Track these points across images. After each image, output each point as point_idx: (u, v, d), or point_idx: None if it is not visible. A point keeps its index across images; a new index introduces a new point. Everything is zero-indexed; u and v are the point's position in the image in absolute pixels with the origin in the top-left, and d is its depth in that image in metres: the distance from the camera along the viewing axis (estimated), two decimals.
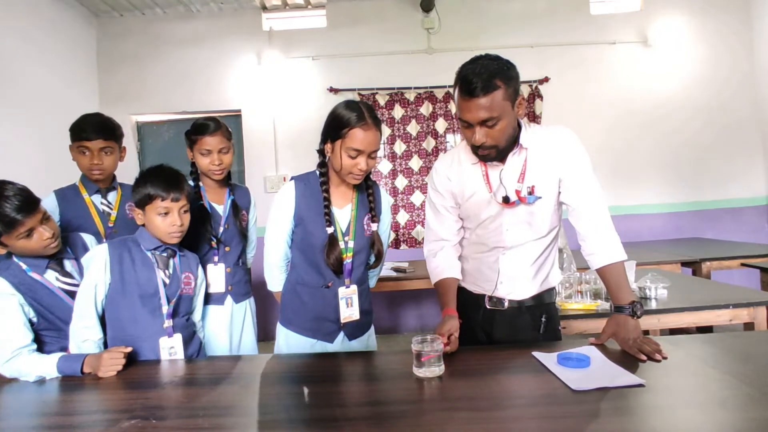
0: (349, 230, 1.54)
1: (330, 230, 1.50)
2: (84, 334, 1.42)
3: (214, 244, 1.81)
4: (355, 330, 1.61)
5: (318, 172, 1.56)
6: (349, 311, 1.54)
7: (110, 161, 1.90)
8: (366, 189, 1.58)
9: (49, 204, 1.84)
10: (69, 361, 1.35)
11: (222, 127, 1.83)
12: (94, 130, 1.83)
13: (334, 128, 1.44)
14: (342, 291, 1.54)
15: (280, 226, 1.57)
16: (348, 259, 1.53)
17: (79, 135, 1.83)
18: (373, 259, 1.64)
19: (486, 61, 1.28)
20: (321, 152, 1.53)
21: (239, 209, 1.91)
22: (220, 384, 1.29)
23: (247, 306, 1.95)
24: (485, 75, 1.24)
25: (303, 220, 1.53)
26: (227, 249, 1.85)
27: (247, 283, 1.97)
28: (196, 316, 1.66)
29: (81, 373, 1.33)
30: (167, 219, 1.47)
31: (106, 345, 1.46)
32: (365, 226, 1.56)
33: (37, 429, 1.02)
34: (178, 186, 1.49)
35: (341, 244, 1.52)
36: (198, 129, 1.80)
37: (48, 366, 1.34)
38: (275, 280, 1.66)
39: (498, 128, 1.30)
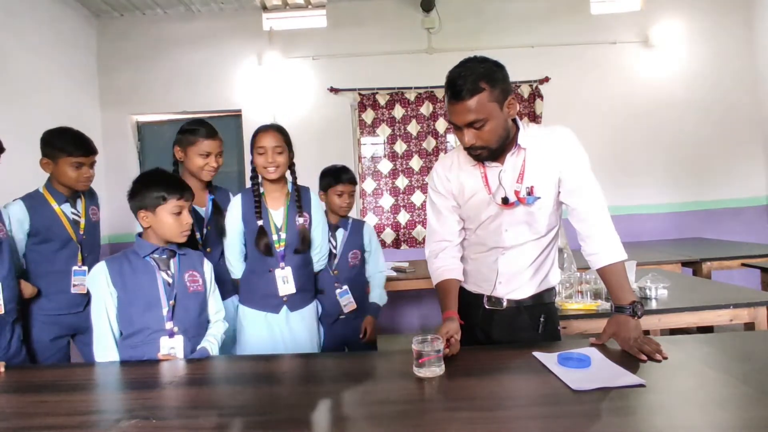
0: (282, 226, 1.92)
1: (260, 222, 1.87)
2: (103, 356, 1.47)
3: (200, 245, 1.87)
4: (295, 304, 1.93)
5: (252, 182, 1.96)
6: (286, 287, 1.89)
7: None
8: (294, 191, 1.97)
9: (18, 212, 1.91)
10: None
11: (218, 132, 1.96)
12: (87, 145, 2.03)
13: (252, 143, 1.89)
14: (278, 272, 1.90)
15: (233, 229, 1.93)
16: (281, 248, 1.90)
17: (74, 151, 1.97)
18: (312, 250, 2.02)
19: (472, 64, 1.29)
20: (253, 168, 1.93)
21: (221, 210, 1.96)
22: (220, 384, 1.29)
23: (231, 304, 1.96)
24: (470, 78, 1.26)
25: (248, 222, 1.90)
26: (209, 250, 1.91)
27: (229, 282, 1.99)
28: (215, 315, 1.65)
29: None
30: (180, 218, 1.51)
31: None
32: (296, 222, 1.92)
33: (37, 429, 1.02)
34: (186, 187, 1.57)
35: (275, 236, 1.89)
36: (200, 131, 1.88)
37: None
38: (236, 270, 1.97)
39: (486, 129, 1.30)
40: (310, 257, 2.01)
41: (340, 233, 2.22)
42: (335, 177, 2.18)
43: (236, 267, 1.97)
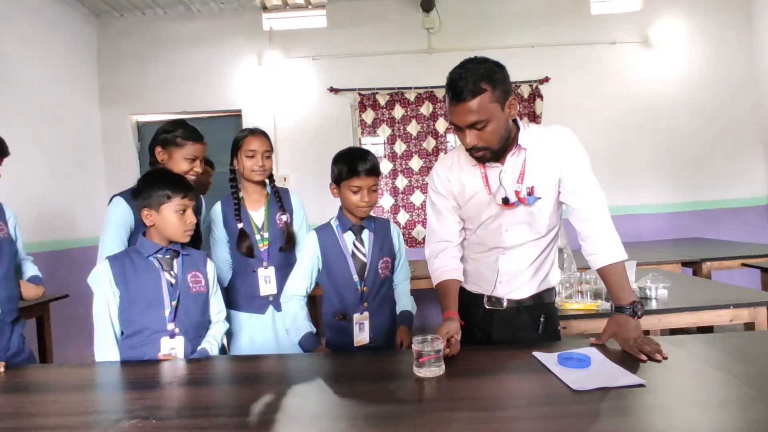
0: (264, 225, 1.91)
1: (240, 225, 1.86)
2: (104, 355, 1.47)
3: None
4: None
5: (231, 186, 1.93)
6: (268, 287, 1.88)
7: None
8: (274, 192, 1.96)
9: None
10: None
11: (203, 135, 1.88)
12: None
13: (234, 146, 1.88)
14: (261, 272, 1.89)
15: (218, 235, 1.94)
16: (265, 247, 1.89)
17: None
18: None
19: (473, 65, 1.28)
20: (232, 171, 1.93)
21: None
22: (220, 384, 1.29)
23: None
24: (471, 79, 1.25)
25: (229, 226, 1.91)
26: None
27: None
28: (216, 315, 1.65)
29: None
30: (185, 217, 1.50)
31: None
32: (278, 221, 1.92)
33: (37, 429, 1.02)
34: (191, 186, 1.56)
35: (257, 236, 1.89)
36: (188, 134, 1.79)
37: None
38: (224, 280, 1.95)
39: (488, 130, 1.30)
40: (295, 258, 1.91)
41: (366, 235, 1.70)
42: (350, 167, 1.58)
43: (224, 277, 1.93)
